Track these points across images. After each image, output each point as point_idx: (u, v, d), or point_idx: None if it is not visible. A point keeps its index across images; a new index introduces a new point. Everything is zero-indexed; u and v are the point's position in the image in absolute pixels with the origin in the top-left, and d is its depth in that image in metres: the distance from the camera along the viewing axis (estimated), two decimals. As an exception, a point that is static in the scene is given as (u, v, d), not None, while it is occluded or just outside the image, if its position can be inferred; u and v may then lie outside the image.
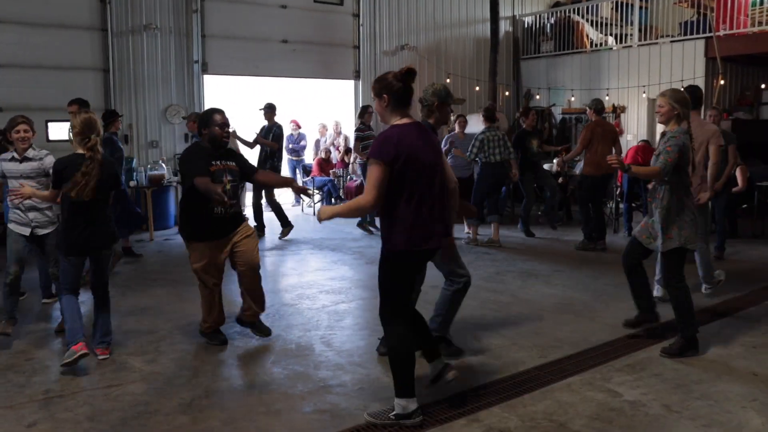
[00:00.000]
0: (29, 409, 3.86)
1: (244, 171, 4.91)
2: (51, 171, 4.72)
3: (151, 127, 10.85)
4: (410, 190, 3.50)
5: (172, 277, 7.23)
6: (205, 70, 11.36)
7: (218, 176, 4.65)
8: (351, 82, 13.11)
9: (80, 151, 4.52)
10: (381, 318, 3.72)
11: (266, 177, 6.30)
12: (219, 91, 11.86)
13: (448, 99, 4.53)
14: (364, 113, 9.65)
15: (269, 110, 9.71)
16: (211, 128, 4.71)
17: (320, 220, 3.68)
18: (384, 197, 3.48)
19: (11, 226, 5.11)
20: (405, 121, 3.61)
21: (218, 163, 4.71)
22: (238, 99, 12.24)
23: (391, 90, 3.58)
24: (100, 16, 10.32)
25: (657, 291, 5.96)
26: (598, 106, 8.70)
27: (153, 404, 3.93)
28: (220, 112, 4.81)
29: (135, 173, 10.04)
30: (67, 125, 9.63)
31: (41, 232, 5.11)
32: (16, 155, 5.06)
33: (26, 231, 5.08)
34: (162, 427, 3.65)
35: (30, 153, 5.09)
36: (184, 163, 4.83)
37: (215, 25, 11.40)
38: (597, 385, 4.17)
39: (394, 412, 3.62)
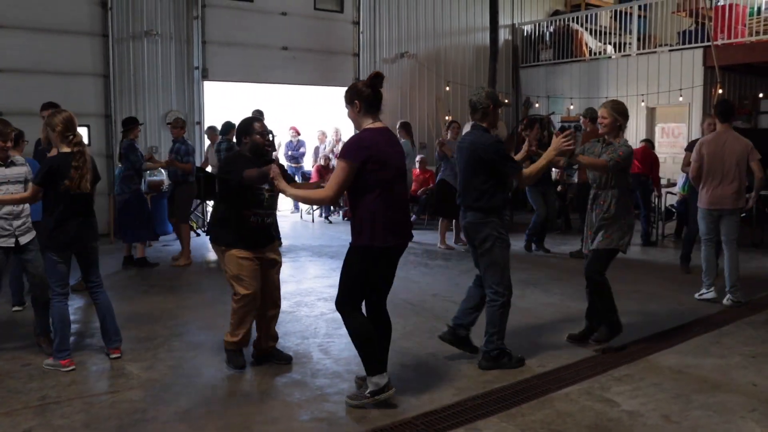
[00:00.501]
0: (24, 416, 3.84)
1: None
2: (37, 171, 4.67)
3: (151, 132, 10.85)
4: (380, 190, 3.76)
5: (170, 284, 7.22)
6: (205, 76, 11.38)
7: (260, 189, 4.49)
8: (351, 89, 13.11)
9: (65, 149, 4.54)
10: (338, 307, 3.96)
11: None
12: (219, 98, 11.87)
13: (499, 103, 4.69)
14: None
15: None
16: (252, 136, 4.51)
17: (278, 190, 3.83)
18: (341, 195, 3.83)
19: None
20: (377, 125, 3.86)
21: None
22: (238, 106, 12.25)
23: (362, 96, 3.82)
24: (101, 21, 10.35)
25: (726, 300, 6.29)
26: (593, 114, 8.64)
27: (150, 411, 3.91)
28: (260, 119, 4.65)
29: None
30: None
31: (24, 240, 4.93)
32: None
33: (11, 242, 4.86)
34: (159, 434, 3.63)
35: (16, 158, 5.00)
36: (229, 166, 4.50)
37: (216, 32, 11.42)
38: (595, 394, 4.16)
39: (369, 390, 3.89)
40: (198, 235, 10.46)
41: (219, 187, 4.58)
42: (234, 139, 4.90)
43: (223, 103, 11.93)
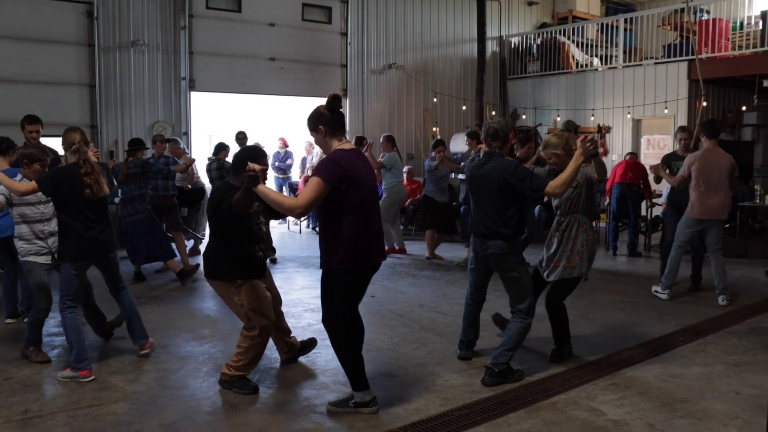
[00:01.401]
0: (7, 430, 3.80)
1: (268, 209, 4.54)
2: (45, 174, 4.75)
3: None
4: (354, 212, 3.76)
5: (155, 295, 7.18)
6: (192, 87, 11.38)
7: (255, 217, 4.48)
8: (338, 101, 13.15)
9: (72, 160, 4.65)
10: (325, 324, 4.01)
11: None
12: (206, 109, 11.86)
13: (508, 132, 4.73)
14: (361, 142, 9.62)
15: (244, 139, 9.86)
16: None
17: (254, 186, 3.69)
18: (311, 210, 3.76)
19: (30, 258, 4.99)
20: (346, 146, 3.88)
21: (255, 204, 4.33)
22: (225, 116, 12.26)
23: (325, 120, 3.87)
24: (88, 31, 10.33)
25: (721, 300, 6.68)
26: (571, 126, 8.47)
27: (135, 424, 3.88)
28: (260, 152, 4.43)
29: (120, 190, 9.99)
30: (51, 140, 9.63)
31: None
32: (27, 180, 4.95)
33: (48, 259, 5.02)
34: (143, 446, 3.60)
35: None
36: (221, 198, 4.25)
37: (203, 42, 11.43)
38: (582, 404, 4.17)
39: (353, 401, 4.00)
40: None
41: (215, 221, 4.41)
42: (229, 165, 4.83)
43: (210, 114, 11.93)
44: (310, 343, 5.12)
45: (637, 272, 8.62)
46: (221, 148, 8.80)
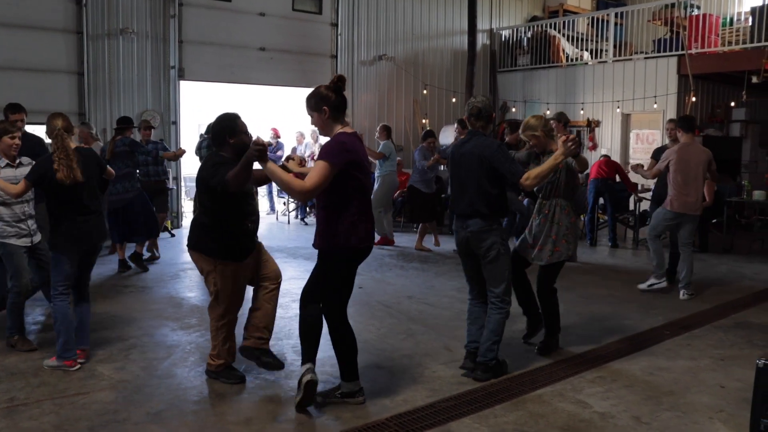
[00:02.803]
0: (-8, 417, 3.77)
1: (257, 179, 4.34)
2: (32, 166, 4.70)
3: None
4: (357, 194, 3.80)
5: (143, 284, 7.15)
6: (181, 75, 11.28)
7: (249, 189, 4.28)
8: (328, 91, 13.09)
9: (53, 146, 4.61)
10: (326, 314, 3.95)
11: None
12: (195, 98, 11.78)
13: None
14: None
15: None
16: (239, 136, 4.17)
17: (263, 162, 3.64)
18: (317, 193, 3.69)
19: (11, 241, 4.91)
20: (348, 129, 3.85)
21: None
22: (214, 106, 12.18)
23: (329, 102, 3.82)
24: (76, 18, 10.21)
25: (682, 295, 6.78)
26: (563, 118, 8.22)
27: (122, 413, 3.86)
28: (239, 117, 4.28)
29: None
30: (39, 128, 9.53)
31: (36, 239, 5.06)
32: (8, 162, 4.92)
33: (28, 242, 5.00)
34: (130, 436, 3.59)
35: (24, 159, 5.05)
36: (211, 171, 4.06)
37: (193, 31, 11.33)
38: (568, 396, 4.20)
39: (341, 391, 4.01)
40: (172, 235, 10.36)
41: (205, 197, 4.21)
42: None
43: (199, 103, 11.85)
44: (277, 364, 4.46)
45: (624, 266, 8.67)
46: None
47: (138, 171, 8.26)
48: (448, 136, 12.45)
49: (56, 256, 4.59)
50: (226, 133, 4.17)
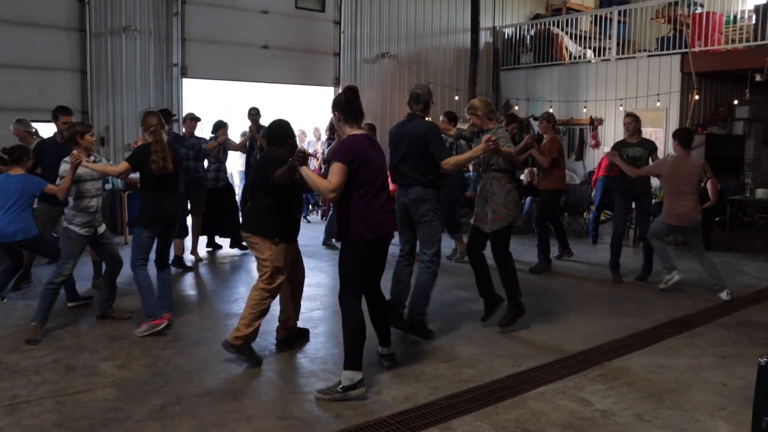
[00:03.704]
0: (-5, 414, 3.79)
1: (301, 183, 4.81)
2: (132, 152, 5.49)
3: (129, 130, 10.72)
4: (363, 188, 4.15)
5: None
6: (184, 73, 11.30)
7: (297, 184, 4.69)
8: (331, 89, 13.11)
9: (149, 139, 5.33)
10: (339, 299, 4.26)
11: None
12: (198, 96, 11.78)
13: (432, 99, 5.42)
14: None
15: (257, 115, 9.45)
16: (294, 139, 5.02)
17: (301, 166, 4.11)
18: (341, 192, 4.08)
19: (75, 228, 5.36)
20: (357, 132, 4.25)
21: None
22: (217, 104, 12.19)
23: (339, 107, 4.28)
24: (79, 16, 10.22)
25: (725, 295, 6.68)
26: (552, 118, 8.30)
27: (123, 410, 3.87)
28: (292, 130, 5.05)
29: (111, 177, 9.93)
30: (42, 125, 9.53)
31: (101, 230, 5.61)
32: (86, 159, 5.39)
33: (91, 232, 5.48)
34: (132, 433, 3.60)
35: (97, 155, 5.69)
36: (270, 167, 4.66)
37: (195, 29, 11.34)
38: (570, 394, 4.20)
39: (342, 385, 4.06)
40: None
41: (264, 188, 4.75)
42: (264, 139, 5.57)
43: (203, 101, 11.84)
44: (304, 334, 5.28)
45: (625, 264, 8.64)
46: (220, 126, 8.66)
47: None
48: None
49: (139, 233, 5.35)
50: (287, 136, 4.93)
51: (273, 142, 4.95)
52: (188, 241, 8.26)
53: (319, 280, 7.22)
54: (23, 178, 5.86)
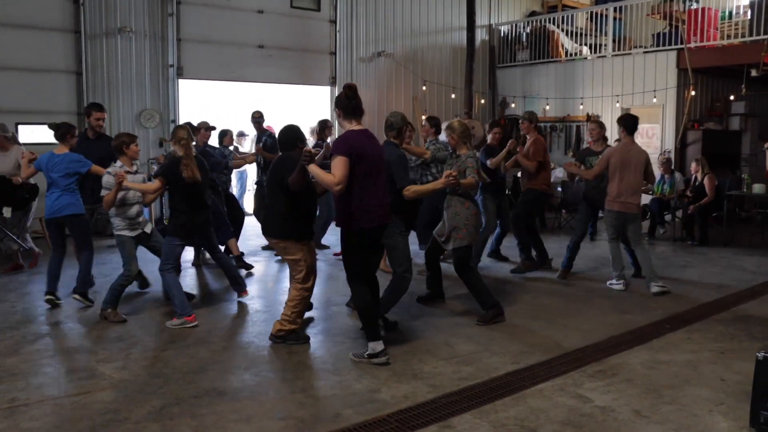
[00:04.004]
0: (-6, 417, 3.78)
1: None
2: (163, 167, 5.72)
3: (125, 131, 10.67)
4: (362, 181, 4.49)
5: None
6: (180, 74, 11.29)
7: (311, 186, 5.07)
8: (327, 89, 13.11)
9: (180, 153, 5.57)
10: (348, 282, 4.79)
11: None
12: (194, 96, 11.77)
13: (408, 125, 5.99)
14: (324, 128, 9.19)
15: (260, 118, 9.29)
16: (304, 142, 5.28)
17: (308, 164, 4.48)
18: (345, 183, 4.41)
19: (125, 233, 5.79)
20: (356, 127, 4.63)
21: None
22: (213, 104, 12.17)
23: (341, 105, 4.66)
24: (74, 17, 10.21)
25: (652, 288, 6.70)
26: (534, 118, 7.88)
27: (122, 412, 3.87)
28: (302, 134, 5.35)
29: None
30: (38, 128, 9.51)
31: (148, 229, 5.99)
32: (128, 168, 5.83)
33: (138, 232, 5.88)
34: (131, 434, 3.59)
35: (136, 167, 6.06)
36: (283, 171, 4.92)
37: (191, 29, 11.33)
38: (568, 390, 4.20)
39: (367, 352, 4.65)
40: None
41: (278, 189, 4.99)
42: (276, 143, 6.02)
43: (199, 101, 11.83)
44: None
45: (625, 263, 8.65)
46: (224, 135, 8.51)
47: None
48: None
49: (171, 239, 5.62)
50: (297, 140, 5.19)
51: (284, 147, 5.21)
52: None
53: (318, 281, 7.18)
54: (67, 157, 6.06)
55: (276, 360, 4.79)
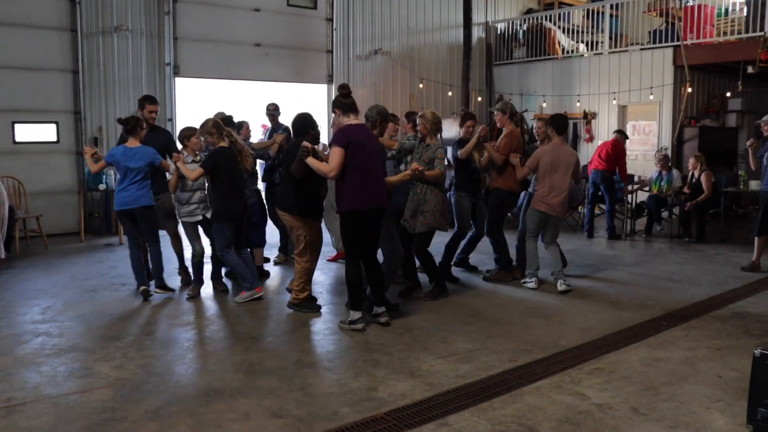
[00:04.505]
0: (-9, 417, 3.77)
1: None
2: (205, 159, 6.09)
3: (121, 130, 10.66)
4: (360, 168, 5.06)
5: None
6: (176, 72, 11.26)
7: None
8: (324, 86, 13.09)
9: (222, 144, 6.03)
10: (345, 258, 5.37)
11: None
12: (191, 95, 11.74)
13: (387, 118, 6.14)
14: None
15: (275, 111, 8.94)
16: (315, 129, 5.93)
17: (305, 159, 5.15)
18: (340, 171, 5.04)
19: (187, 219, 6.35)
20: (354, 121, 5.24)
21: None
22: (210, 102, 12.13)
23: (339, 105, 5.27)
24: (70, 16, 10.17)
25: (560, 285, 6.72)
26: (507, 108, 7.20)
27: (120, 411, 3.86)
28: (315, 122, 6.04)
29: (105, 176, 9.91)
30: (34, 126, 9.49)
31: (209, 214, 6.34)
32: (193, 158, 6.37)
33: (199, 218, 6.37)
34: (128, 434, 3.59)
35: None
36: (296, 154, 5.42)
37: (187, 28, 11.30)
38: (566, 388, 4.20)
39: (349, 319, 5.36)
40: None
41: (288, 170, 5.60)
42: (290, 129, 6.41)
43: (195, 99, 11.80)
44: (314, 300, 6.13)
45: (620, 257, 8.68)
46: (241, 126, 8.13)
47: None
48: (446, 129, 12.39)
49: (217, 226, 6.10)
50: (309, 126, 5.85)
51: (298, 133, 5.86)
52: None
53: (315, 278, 7.18)
54: (143, 149, 6.34)
55: (274, 358, 4.78)
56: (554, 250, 6.92)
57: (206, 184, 6.37)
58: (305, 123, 5.89)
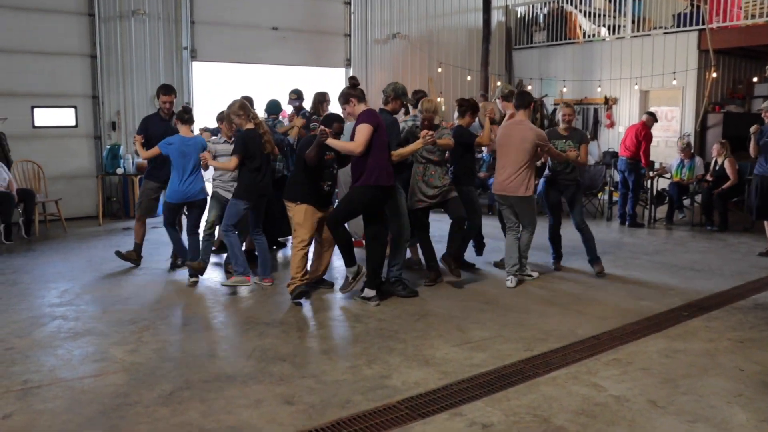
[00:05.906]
0: (6, 400, 3.79)
1: (340, 158, 5.85)
2: (236, 144, 6.08)
3: (139, 114, 10.57)
4: (380, 147, 5.45)
5: (157, 266, 7.15)
6: (194, 56, 11.24)
7: (329, 165, 5.80)
8: (342, 70, 12.99)
9: (248, 126, 6.04)
10: (330, 223, 5.62)
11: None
12: (208, 79, 11.73)
13: (401, 96, 6.20)
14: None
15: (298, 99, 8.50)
16: (342, 124, 5.84)
17: (324, 140, 5.39)
18: (365, 148, 5.39)
19: (219, 191, 6.35)
20: (367, 107, 5.65)
21: (329, 153, 5.71)
22: (227, 87, 12.11)
23: (354, 94, 5.61)
24: (87, 0, 10.16)
25: (512, 281, 6.34)
26: (511, 95, 6.96)
27: (133, 395, 3.87)
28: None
29: (122, 160, 9.94)
30: (53, 111, 9.55)
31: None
32: (226, 139, 6.49)
33: (229, 195, 6.25)
34: (141, 418, 3.59)
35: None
36: (305, 148, 5.69)
37: (205, 12, 11.26)
38: (582, 379, 4.14)
39: (350, 278, 5.72)
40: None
41: (301, 162, 5.72)
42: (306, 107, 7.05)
43: (213, 84, 11.79)
44: (328, 283, 6.32)
45: (640, 245, 8.54)
46: (280, 109, 8.19)
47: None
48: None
49: (236, 202, 6.03)
50: (335, 120, 5.78)
51: (323, 123, 5.80)
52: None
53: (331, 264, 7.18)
54: (197, 140, 6.42)
55: (286, 345, 4.76)
56: (525, 239, 6.42)
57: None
58: (331, 117, 5.90)
